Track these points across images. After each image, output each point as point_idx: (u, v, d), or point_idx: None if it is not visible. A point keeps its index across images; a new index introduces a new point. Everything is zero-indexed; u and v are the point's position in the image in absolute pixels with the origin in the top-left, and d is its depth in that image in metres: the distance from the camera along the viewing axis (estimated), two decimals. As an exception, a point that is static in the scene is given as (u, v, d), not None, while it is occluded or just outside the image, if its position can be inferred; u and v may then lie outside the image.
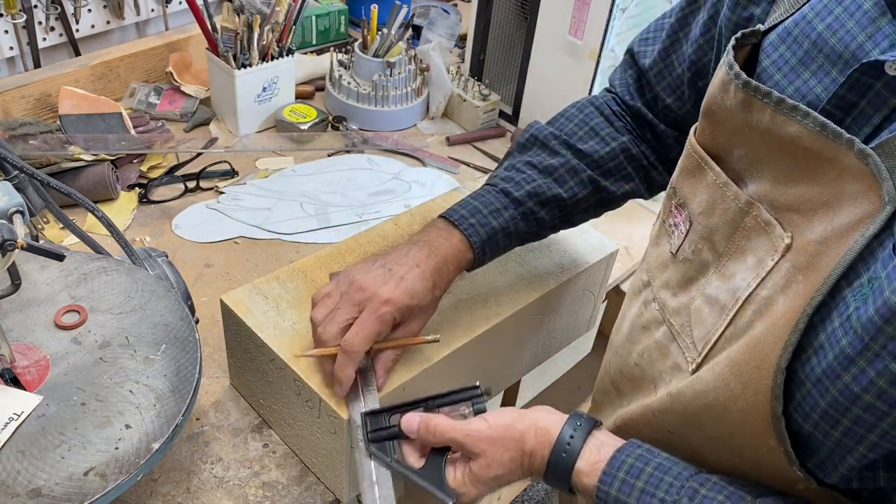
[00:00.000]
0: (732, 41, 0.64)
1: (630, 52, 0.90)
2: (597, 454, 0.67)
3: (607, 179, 0.89)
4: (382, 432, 0.75)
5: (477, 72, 1.53)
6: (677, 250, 0.71)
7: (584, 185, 0.88)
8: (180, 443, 0.88)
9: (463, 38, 1.71)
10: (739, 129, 0.63)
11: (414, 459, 0.74)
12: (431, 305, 0.83)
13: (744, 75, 0.61)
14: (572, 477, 0.68)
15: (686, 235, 0.69)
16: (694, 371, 0.67)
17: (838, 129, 0.55)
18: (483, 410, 0.75)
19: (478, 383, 0.77)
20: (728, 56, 0.63)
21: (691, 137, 0.70)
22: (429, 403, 0.76)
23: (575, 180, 0.88)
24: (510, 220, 0.86)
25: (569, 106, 0.94)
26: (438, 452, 0.74)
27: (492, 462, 0.70)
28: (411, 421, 0.74)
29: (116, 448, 0.69)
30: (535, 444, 0.70)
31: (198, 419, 0.92)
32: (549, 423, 0.70)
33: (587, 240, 1.06)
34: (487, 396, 0.76)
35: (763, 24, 0.66)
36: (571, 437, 0.68)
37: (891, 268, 0.51)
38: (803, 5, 0.63)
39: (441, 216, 0.86)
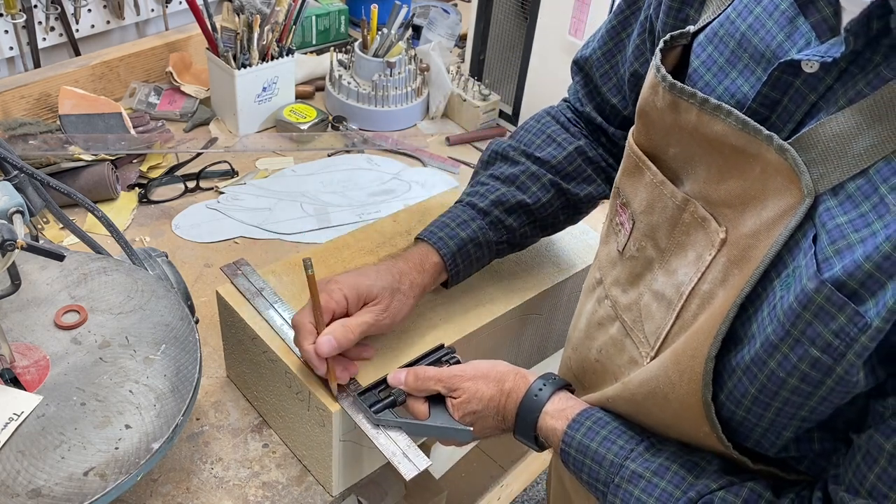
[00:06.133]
0: (661, 43, 0.66)
1: (575, 62, 0.93)
2: (565, 402, 0.75)
3: (569, 183, 0.91)
4: (379, 405, 0.79)
5: (477, 72, 1.53)
6: (623, 248, 0.74)
7: (547, 189, 0.90)
8: (180, 443, 0.89)
9: (463, 38, 1.71)
10: (671, 128, 0.65)
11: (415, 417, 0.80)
12: (396, 292, 0.82)
13: (669, 77, 0.64)
14: (539, 419, 0.74)
15: (630, 234, 0.72)
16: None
17: (758, 125, 0.57)
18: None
19: (443, 343, 0.85)
20: (656, 59, 0.66)
21: (629, 138, 0.72)
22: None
23: (537, 185, 0.90)
24: (478, 231, 0.88)
25: (528, 118, 0.96)
26: (436, 402, 0.79)
27: (472, 397, 0.77)
28: (398, 375, 0.79)
29: (116, 448, 0.69)
30: (513, 386, 0.77)
31: (198, 419, 0.92)
32: (527, 372, 0.79)
33: (586, 240, 1.06)
34: (455, 353, 0.83)
35: (694, 25, 0.68)
36: (544, 384, 0.76)
37: (809, 256, 0.54)
38: (728, 6, 0.65)
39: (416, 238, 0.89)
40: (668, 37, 0.66)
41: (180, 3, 1.50)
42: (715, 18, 0.66)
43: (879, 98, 0.53)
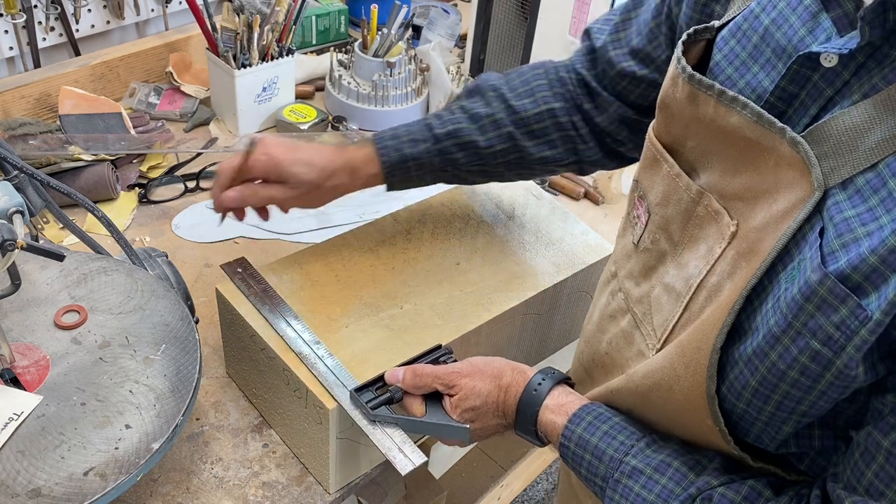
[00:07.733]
0: (684, 37, 0.67)
1: (587, 31, 0.93)
2: (564, 398, 0.75)
3: (529, 140, 0.92)
4: (375, 401, 0.79)
5: (477, 72, 1.53)
6: (639, 240, 0.74)
7: (503, 139, 0.91)
8: (180, 443, 0.89)
9: (463, 38, 1.71)
10: (689, 121, 0.66)
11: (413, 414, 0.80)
12: (315, 188, 0.88)
13: (689, 69, 0.64)
14: (539, 413, 0.74)
15: (646, 226, 0.72)
16: None
17: (772, 118, 0.58)
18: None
19: (441, 343, 0.85)
20: (678, 51, 0.66)
21: (649, 131, 0.72)
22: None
23: (495, 133, 0.91)
24: (424, 153, 0.90)
25: (529, 63, 0.98)
26: (433, 400, 0.79)
27: (470, 394, 0.77)
28: (395, 373, 0.80)
29: (116, 448, 0.69)
30: (511, 381, 0.77)
31: (198, 419, 0.92)
32: (525, 367, 0.79)
33: (586, 241, 1.06)
34: (452, 354, 0.83)
35: (720, 20, 0.68)
36: (543, 379, 0.76)
37: (815, 249, 0.54)
38: (753, 0, 0.65)
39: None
40: (691, 30, 0.67)
41: (180, 3, 1.50)
42: (739, 13, 0.66)
43: (893, 92, 0.53)
